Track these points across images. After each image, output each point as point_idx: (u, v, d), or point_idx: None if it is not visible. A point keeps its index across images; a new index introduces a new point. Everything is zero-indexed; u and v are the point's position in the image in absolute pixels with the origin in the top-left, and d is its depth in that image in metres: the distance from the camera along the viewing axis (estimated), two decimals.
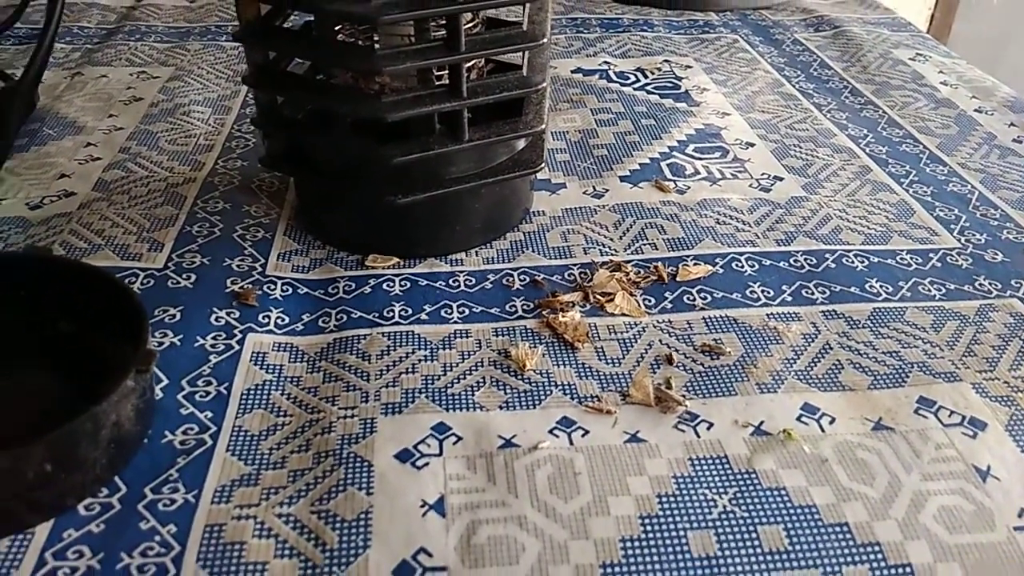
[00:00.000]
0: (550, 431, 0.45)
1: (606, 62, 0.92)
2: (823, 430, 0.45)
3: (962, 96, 0.87)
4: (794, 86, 0.87)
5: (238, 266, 0.57)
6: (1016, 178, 0.71)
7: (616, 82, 0.87)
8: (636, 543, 0.39)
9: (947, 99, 0.86)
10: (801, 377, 0.49)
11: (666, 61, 0.93)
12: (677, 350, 0.51)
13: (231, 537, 0.39)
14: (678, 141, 0.75)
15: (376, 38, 0.57)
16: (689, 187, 0.68)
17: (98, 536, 0.39)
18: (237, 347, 0.50)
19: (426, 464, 0.43)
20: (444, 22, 0.52)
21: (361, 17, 0.52)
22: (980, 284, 0.58)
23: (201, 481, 0.41)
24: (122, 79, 0.86)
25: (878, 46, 0.98)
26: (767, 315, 0.54)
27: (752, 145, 0.75)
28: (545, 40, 0.56)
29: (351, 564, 0.38)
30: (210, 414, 0.45)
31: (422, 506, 0.40)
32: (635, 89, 0.86)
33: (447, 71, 0.54)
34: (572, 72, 0.90)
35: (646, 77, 0.89)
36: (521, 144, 0.61)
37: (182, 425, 0.45)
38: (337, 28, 0.58)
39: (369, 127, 0.56)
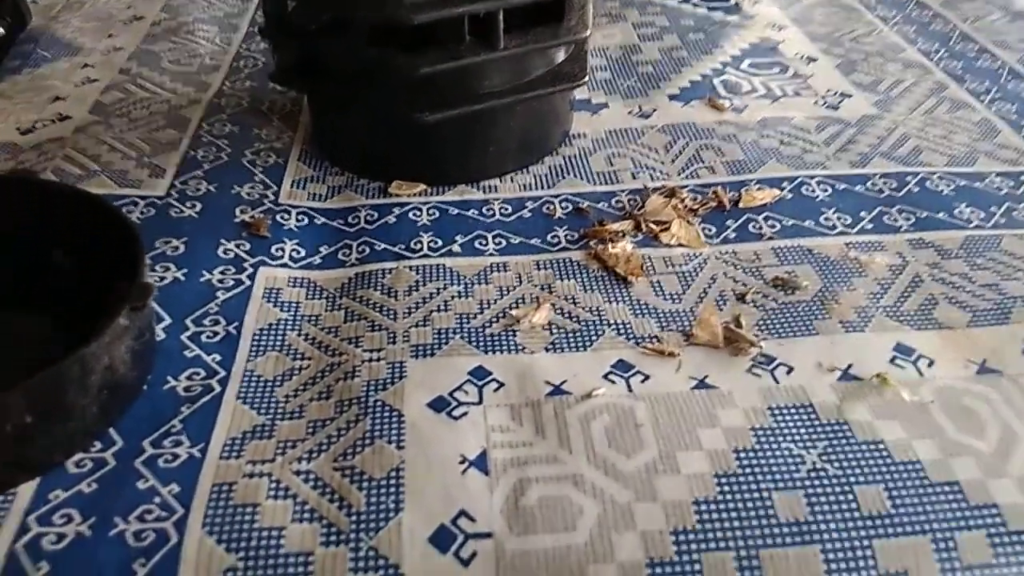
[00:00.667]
0: (605, 376, 0.39)
1: None
2: (921, 374, 0.39)
3: None
4: None
5: (248, 194, 0.51)
6: None
7: None
8: (713, 506, 0.33)
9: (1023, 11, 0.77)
10: (891, 314, 0.43)
11: None
12: (746, 284, 0.45)
13: (242, 498, 0.33)
14: (731, 56, 0.68)
15: None
16: (747, 105, 0.61)
17: (89, 497, 0.34)
18: (248, 282, 0.44)
19: (464, 414, 0.37)
20: None
21: None
22: None
23: (208, 433, 0.36)
24: None
25: None
26: (846, 244, 0.47)
27: (814, 60, 0.68)
28: None
29: (381, 529, 0.32)
30: (218, 357, 0.40)
31: (461, 462, 0.35)
32: (680, 2, 0.78)
33: None
34: None
35: None
36: (561, 56, 0.54)
37: (186, 369, 0.39)
38: None
39: (391, 35, 0.49)
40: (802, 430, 0.36)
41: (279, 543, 0.32)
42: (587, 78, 0.54)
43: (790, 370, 0.39)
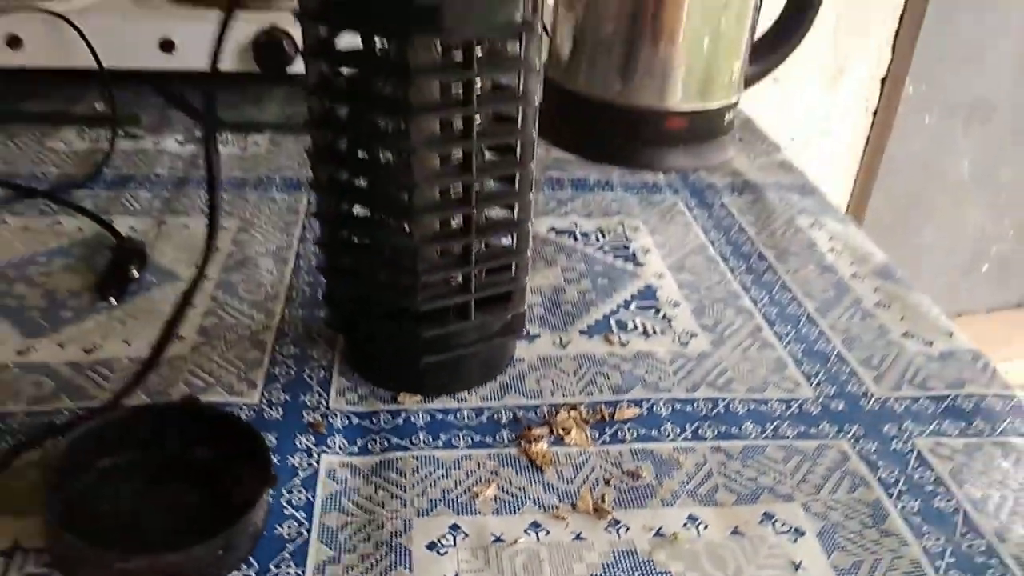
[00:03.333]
0: (525, 530, 0.69)
1: (575, 222, 1.19)
2: (699, 534, 0.70)
3: (843, 263, 1.14)
4: (716, 250, 1.14)
5: (310, 402, 0.82)
6: (869, 338, 0.98)
7: (580, 241, 1.14)
8: None
9: (831, 265, 1.13)
10: (690, 495, 0.74)
11: (620, 223, 1.19)
12: (611, 473, 0.76)
13: None
14: (624, 300, 1.01)
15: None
16: (629, 341, 0.94)
17: None
18: (316, 465, 0.74)
19: (446, 552, 0.67)
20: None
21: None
22: (822, 428, 0.83)
23: (304, 560, 0.65)
24: (200, 229, 1.10)
25: (785, 212, 1.25)
26: (673, 448, 0.79)
27: (678, 305, 1.01)
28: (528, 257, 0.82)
29: None
30: (303, 514, 0.69)
31: None
32: (595, 249, 1.12)
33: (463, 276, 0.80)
34: (547, 231, 1.16)
35: (604, 237, 1.15)
36: (509, 317, 0.87)
37: (286, 521, 0.69)
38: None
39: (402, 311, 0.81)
40: (628, 566, 0.67)
41: None
42: (526, 330, 0.86)
43: (628, 529, 0.70)
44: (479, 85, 0.68)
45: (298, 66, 1.39)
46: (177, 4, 1.46)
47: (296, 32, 1.35)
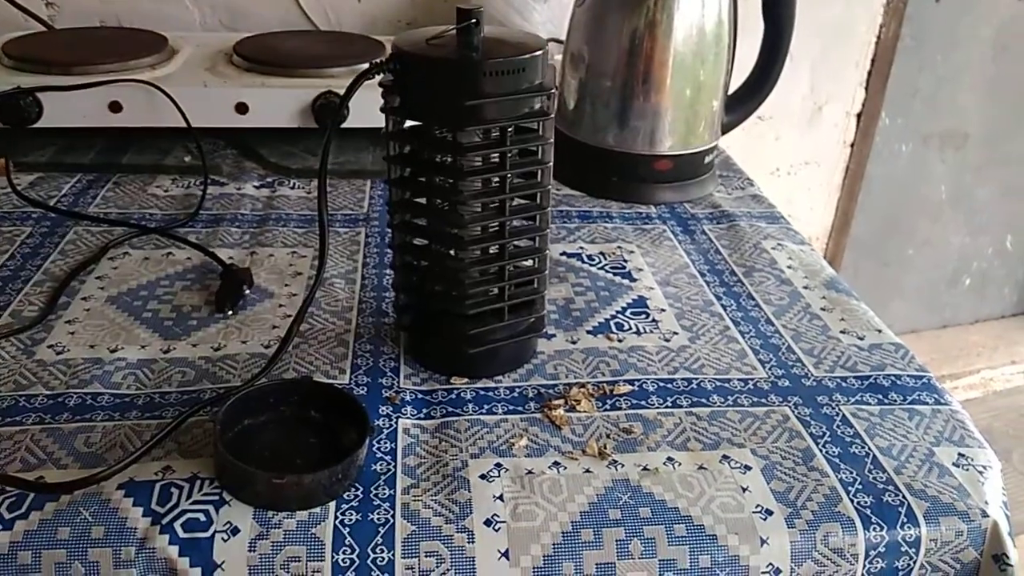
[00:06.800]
0: (548, 467, 0.97)
1: (581, 247, 1.47)
2: (674, 469, 0.97)
3: (798, 277, 1.41)
4: (695, 268, 1.42)
5: (385, 382, 1.09)
6: (812, 334, 1.25)
7: (586, 263, 1.42)
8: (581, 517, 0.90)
9: (788, 279, 1.40)
10: (669, 444, 1.01)
11: (619, 247, 1.48)
12: (610, 430, 1.03)
13: (411, 508, 0.90)
14: (620, 308, 1.29)
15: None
16: (625, 338, 1.22)
17: (351, 509, 0.90)
18: (394, 426, 1.02)
19: (493, 480, 0.94)
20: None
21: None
22: (770, 399, 1.11)
23: (394, 484, 0.93)
24: (283, 258, 1.39)
25: (754, 237, 1.53)
26: (656, 414, 1.06)
27: (663, 311, 1.29)
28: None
29: (466, 521, 0.89)
30: (389, 457, 0.97)
31: (497, 497, 0.92)
32: (598, 268, 1.40)
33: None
34: (559, 255, 1.44)
35: (605, 259, 1.43)
36: (533, 318, 1.14)
37: (378, 462, 0.96)
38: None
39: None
40: (621, 489, 0.94)
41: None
42: (546, 330, 1.14)
43: (621, 466, 0.97)
44: (510, 154, 0.96)
45: (348, 122, 1.66)
46: (248, 73, 1.76)
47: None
